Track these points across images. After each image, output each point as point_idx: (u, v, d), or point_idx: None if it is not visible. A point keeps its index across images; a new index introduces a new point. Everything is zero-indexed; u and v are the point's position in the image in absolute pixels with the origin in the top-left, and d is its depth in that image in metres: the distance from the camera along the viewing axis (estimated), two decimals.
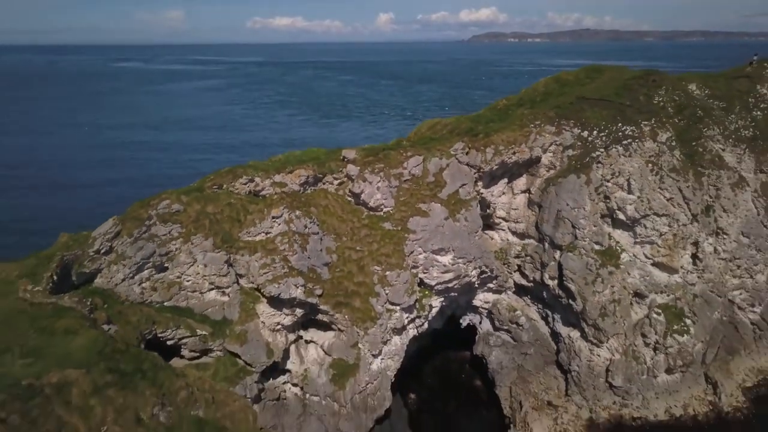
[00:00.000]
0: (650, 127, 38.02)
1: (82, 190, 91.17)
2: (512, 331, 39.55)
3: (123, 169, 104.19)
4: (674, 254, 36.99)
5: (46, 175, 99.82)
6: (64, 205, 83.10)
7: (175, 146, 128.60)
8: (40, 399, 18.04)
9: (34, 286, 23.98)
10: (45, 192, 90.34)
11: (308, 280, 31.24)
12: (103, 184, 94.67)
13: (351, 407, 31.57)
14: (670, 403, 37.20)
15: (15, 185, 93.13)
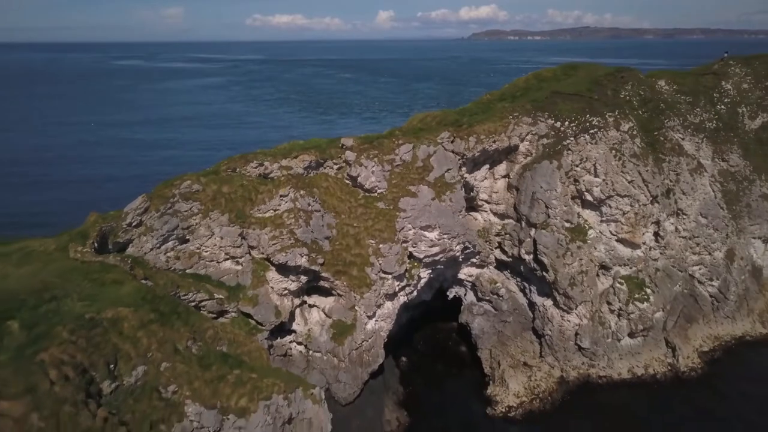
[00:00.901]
0: (614, 118, 42.65)
1: (86, 186, 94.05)
2: (493, 302, 44.19)
3: (127, 167, 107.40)
4: (636, 231, 41.63)
5: (52, 172, 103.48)
6: (74, 198, 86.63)
7: (179, 144, 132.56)
8: (100, 329, 22.64)
9: (83, 248, 28.55)
10: (51, 186, 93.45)
11: (311, 250, 35.82)
12: (108, 180, 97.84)
13: (348, 362, 36.19)
14: (632, 363, 41.90)
15: (21, 182, 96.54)
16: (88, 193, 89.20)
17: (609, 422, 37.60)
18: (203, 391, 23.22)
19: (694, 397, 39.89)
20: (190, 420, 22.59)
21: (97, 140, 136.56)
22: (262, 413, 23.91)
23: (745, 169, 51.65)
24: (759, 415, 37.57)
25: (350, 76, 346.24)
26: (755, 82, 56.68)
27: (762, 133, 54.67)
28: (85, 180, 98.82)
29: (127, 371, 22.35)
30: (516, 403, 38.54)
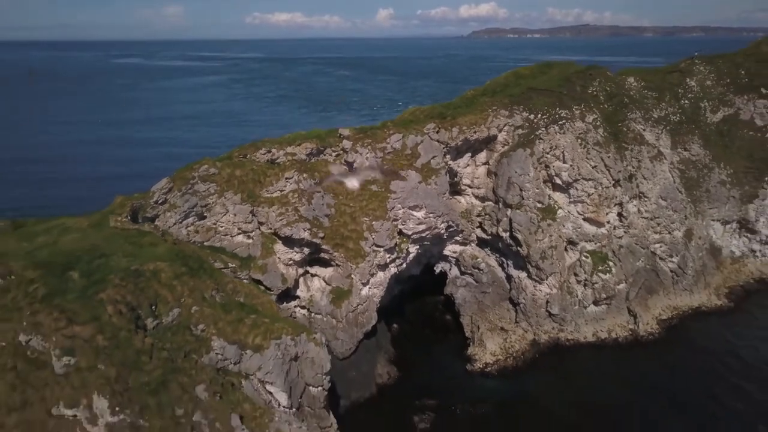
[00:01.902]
0: (580, 110, 47.99)
1: (89, 184, 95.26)
2: (475, 275, 49.54)
3: (131, 165, 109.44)
4: (600, 211, 47.00)
5: (58, 170, 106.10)
6: (76, 194, 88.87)
7: (181, 142, 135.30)
8: (143, 278, 27.98)
9: (122, 219, 33.90)
10: (58, 184, 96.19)
11: (313, 225, 41.13)
12: (112, 178, 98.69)
13: (345, 323, 41.53)
14: (597, 328, 47.32)
15: (33, 179, 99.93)
16: (93, 190, 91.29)
17: (574, 378, 42.95)
18: (226, 330, 28.59)
19: (651, 357, 45.22)
20: (215, 353, 27.94)
21: (101, 139, 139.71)
22: (273, 350, 29.27)
23: (705, 158, 57.02)
24: (707, 372, 42.81)
25: (349, 74, 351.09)
26: (717, 79, 61.99)
27: (722, 126, 60.00)
28: (90, 177, 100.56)
29: (165, 312, 27.73)
30: (492, 361, 43.97)
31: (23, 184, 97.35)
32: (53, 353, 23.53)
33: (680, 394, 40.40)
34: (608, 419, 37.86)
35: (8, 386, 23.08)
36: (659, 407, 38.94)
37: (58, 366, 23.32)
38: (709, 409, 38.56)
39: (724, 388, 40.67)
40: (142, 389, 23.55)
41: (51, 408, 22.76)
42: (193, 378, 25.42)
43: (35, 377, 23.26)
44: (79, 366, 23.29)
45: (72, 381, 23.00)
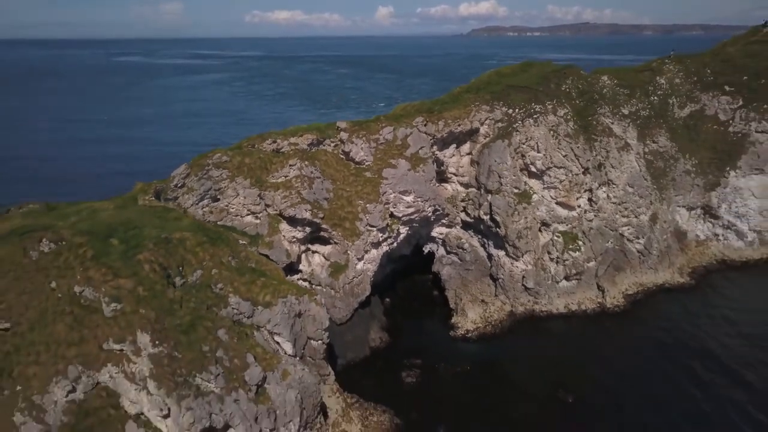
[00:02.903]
0: (552, 105, 53.34)
1: (95, 181, 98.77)
2: (459, 254, 54.92)
3: (136, 164, 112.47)
4: (571, 196, 52.36)
5: (65, 169, 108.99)
6: (82, 192, 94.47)
7: (185, 139, 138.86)
8: (172, 244, 33.30)
9: (149, 198, 39.25)
10: (61, 184, 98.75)
11: (314, 207, 46.44)
12: (119, 174, 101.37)
13: (343, 293, 46.87)
14: (568, 300, 52.74)
15: (37, 176, 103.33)
16: (98, 189, 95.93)
17: (546, 343, 48.36)
18: (240, 289, 33.91)
19: (616, 326, 50.66)
20: (232, 307, 33.24)
21: (106, 137, 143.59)
22: (281, 306, 34.58)
23: (671, 150, 62.39)
24: (665, 339, 48.17)
25: (348, 72, 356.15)
26: (686, 77, 67.32)
27: (689, 120, 65.36)
28: (95, 175, 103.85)
29: (190, 272, 33.06)
30: (473, 328, 49.40)
31: (28, 182, 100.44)
32: (103, 300, 28.86)
33: (639, 357, 45.80)
34: (575, 377, 43.14)
35: (67, 327, 28.43)
36: (621, 368, 44.26)
37: (107, 310, 28.66)
38: (663, 372, 43.73)
39: (679, 354, 45.91)
40: (175, 329, 28.92)
41: (102, 343, 28.10)
42: (215, 323, 30.78)
43: (89, 320, 28.61)
44: (125, 310, 28.63)
45: (119, 322, 28.35)
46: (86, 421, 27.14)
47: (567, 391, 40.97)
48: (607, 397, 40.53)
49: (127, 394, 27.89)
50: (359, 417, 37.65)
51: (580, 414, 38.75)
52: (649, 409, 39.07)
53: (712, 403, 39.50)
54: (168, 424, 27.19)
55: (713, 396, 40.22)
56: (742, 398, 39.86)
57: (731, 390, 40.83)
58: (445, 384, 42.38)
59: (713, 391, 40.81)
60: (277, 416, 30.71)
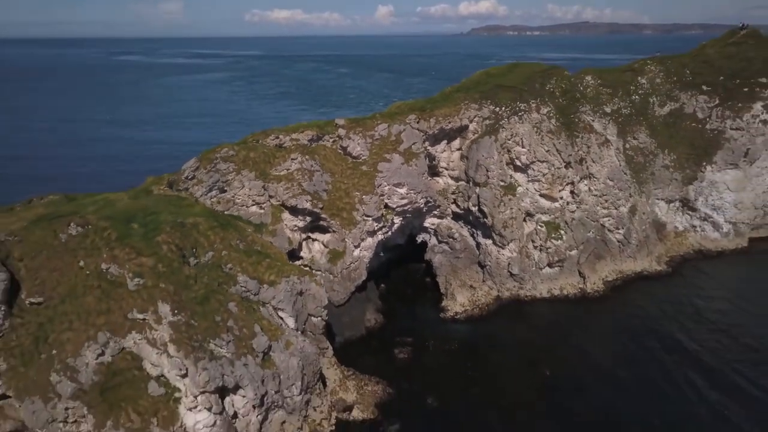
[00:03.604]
0: (536, 104, 57.09)
1: (99, 179, 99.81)
2: (450, 243, 58.66)
3: (142, 163, 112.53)
4: (553, 188, 56.11)
5: (69, 168, 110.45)
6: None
7: (189, 139, 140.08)
8: (186, 228, 37.02)
9: (163, 188, 42.96)
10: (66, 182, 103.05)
11: (314, 198, 50.13)
12: (124, 174, 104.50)
13: (340, 277, 50.58)
14: (551, 286, 56.50)
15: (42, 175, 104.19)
16: (102, 187, 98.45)
17: (529, 324, 52.11)
18: (248, 269, 37.64)
19: (595, 309, 54.42)
20: (240, 285, 36.95)
21: (108, 138, 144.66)
22: (284, 285, 38.32)
23: (651, 146, 66.18)
24: (641, 322, 51.87)
25: (348, 71, 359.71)
26: (666, 77, 71.06)
27: (669, 118, 69.10)
28: (100, 175, 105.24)
29: (202, 254, 36.80)
30: (461, 311, 53.19)
31: (30, 181, 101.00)
32: (127, 276, 32.60)
33: (615, 338, 49.48)
34: (554, 355, 46.83)
35: (96, 299, 32.17)
36: (597, 348, 47.84)
37: (131, 285, 32.40)
38: (634, 351, 47.31)
39: (650, 336, 49.48)
40: (192, 301, 32.67)
41: (127, 313, 31.85)
42: (226, 298, 34.54)
43: (115, 293, 32.35)
44: (147, 285, 32.37)
45: (142, 294, 32.10)
46: (114, 380, 30.94)
47: (546, 366, 44.72)
48: (582, 373, 44.24)
49: (149, 358, 31.67)
50: (355, 386, 41.42)
51: (556, 387, 42.43)
52: (616, 384, 42.75)
53: (672, 382, 42.49)
54: (186, 382, 30.95)
55: (673, 376, 43.24)
56: (698, 377, 43.04)
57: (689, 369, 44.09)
58: (434, 360, 46.14)
59: (675, 371, 43.90)
60: (281, 380, 34.49)
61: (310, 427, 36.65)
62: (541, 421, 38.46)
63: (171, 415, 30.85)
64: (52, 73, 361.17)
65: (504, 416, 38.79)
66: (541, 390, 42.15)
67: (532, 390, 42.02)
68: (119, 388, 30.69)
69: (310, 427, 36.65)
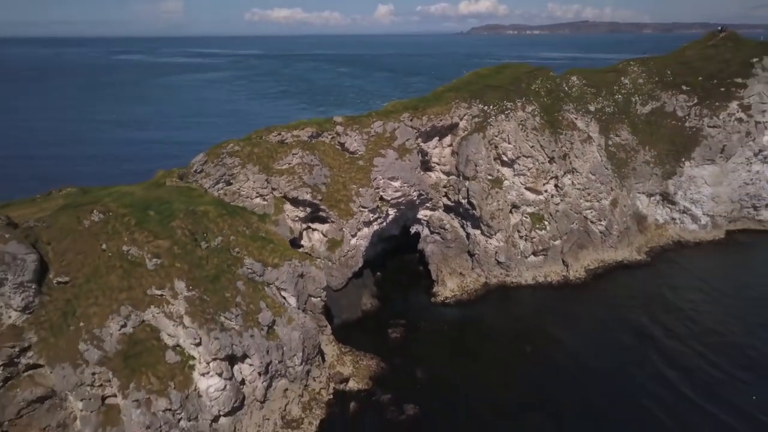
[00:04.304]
0: (521, 102, 60.84)
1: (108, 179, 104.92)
2: (441, 234, 62.41)
3: (147, 162, 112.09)
4: (538, 182, 59.87)
5: (74, 167, 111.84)
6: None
7: (192, 138, 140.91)
8: (197, 215, 40.74)
9: (175, 180, 46.71)
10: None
11: (314, 190, 53.86)
12: (130, 175, 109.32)
13: (338, 264, 54.34)
14: (536, 273, 60.27)
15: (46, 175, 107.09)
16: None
17: (515, 308, 55.87)
18: (254, 252, 41.37)
19: (576, 295, 58.16)
20: (247, 267, 40.67)
21: (112, 137, 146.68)
22: (287, 267, 42.05)
23: (633, 142, 69.95)
24: (618, 305, 55.66)
25: (347, 70, 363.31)
26: (648, 77, 74.84)
27: (650, 117, 72.88)
28: (100, 175, 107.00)
29: (213, 238, 40.53)
30: (451, 295, 56.97)
31: (33, 180, 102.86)
32: (146, 257, 36.34)
33: (593, 321, 53.26)
34: (535, 334, 50.60)
35: (118, 277, 35.92)
36: (576, 329, 51.73)
37: (149, 264, 36.15)
38: (610, 332, 51.26)
39: (626, 319, 53.17)
40: (204, 279, 36.43)
41: (146, 290, 35.59)
42: (235, 277, 38.29)
43: (135, 271, 36.09)
44: (164, 264, 36.11)
45: (159, 273, 35.85)
46: (135, 349, 34.71)
47: (527, 344, 48.50)
48: (560, 350, 48.01)
49: (166, 329, 35.43)
50: (351, 361, 45.20)
51: (535, 362, 46.21)
52: (591, 357, 46.59)
53: (637, 359, 46.39)
54: (200, 350, 34.72)
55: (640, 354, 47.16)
56: (661, 356, 46.86)
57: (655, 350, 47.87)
58: (424, 338, 49.93)
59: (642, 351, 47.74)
60: (284, 351, 38.26)
61: (310, 395, 40.46)
62: (521, 391, 42.21)
63: (186, 380, 34.63)
64: (53, 72, 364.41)
65: (486, 387, 42.54)
66: (522, 365, 45.94)
67: (513, 365, 45.81)
68: (140, 356, 34.46)
69: (310, 395, 40.46)
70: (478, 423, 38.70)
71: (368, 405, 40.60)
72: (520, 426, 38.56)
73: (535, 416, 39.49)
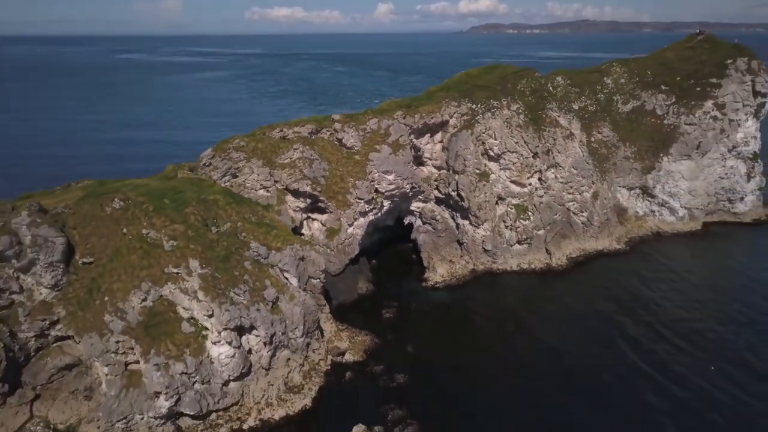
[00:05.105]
0: (507, 101, 65.16)
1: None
2: (432, 224, 66.74)
3: (143, 163, 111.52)
4: (522, 175, 64.20)
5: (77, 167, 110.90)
6: None
7: (191, 138, 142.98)
8: (208, 203, 45.03)
9: (186, 172, 51.01)
10: None
11: (313, 183, 58.15)
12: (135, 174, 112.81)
13: (336, 251, 58.65)
14: (520, 260, 64.61)
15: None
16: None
17: (500, 292, 60.22)
18: (259, 237, 45.66)
19: (557, 280, 62.50)
20: (253, 251, 44.96)
21: (114, 137, 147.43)
22: (289, 251, 46.32)
23: (614, 139, 74.25)
24: (596, 290, 59.99)
25: (347, 69, 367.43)
26: (629, 78, 79.10)
27: (631, 115, 77.17)
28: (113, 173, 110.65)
29: (222, 224, 44.84)
30: (441, 280, 61.32)
31: (34, 180, 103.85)
32: (163, 239, 40.65)
33: (572, 303, 57.53)
34: (518, 315, 54.95)
35: (139, 257, 40.23)
36: (556, 310, 56.09)
37: (167, 246, 40.45)
38: (587, 313, 55.68)
39: (604, 302, 57.49)
40: (215, 259, 40.76)
41: (164, 268, 39.90)
42: (242, 258, 42.62)
43: (154, 252, 40.40)
44: (179, 245, 40.43)
45: (176, 253, 40.16)
46: (154, 320, 39.03)
47: (510, 323, 52.88)
48: (539, 327, 52.38)
49: (181, 303, 39.75)
50: (347, 337, 49.55)
51: (517, 338, 50.59)
52: (566, 334, 50.94)
53: (609, 336, 50.88)
54: (212, 321, 39.06)
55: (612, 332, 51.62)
56: (633, 333, 51.34)
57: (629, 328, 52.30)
58: (415, 318, 54.31)
59: (615, 328, 52.21)
60: (287, 324, 42.61)
61: (310, 365, 44.82)
62: (501, 361, 46.58)
63: (199, 348, 38.97)
64: (53, 72, 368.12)
65: (469, 359, 46.90)
66: (503, 340, 50.34)
67: (495, 340, 50.20)
68: (159, 326, 38.78)
69: (310, 365, 44.82)
70: (462, 389, 43.02)
71: (362, 375, 44.96)
72: (500, 390, 42.91)
73: (514, 381, 43.89)
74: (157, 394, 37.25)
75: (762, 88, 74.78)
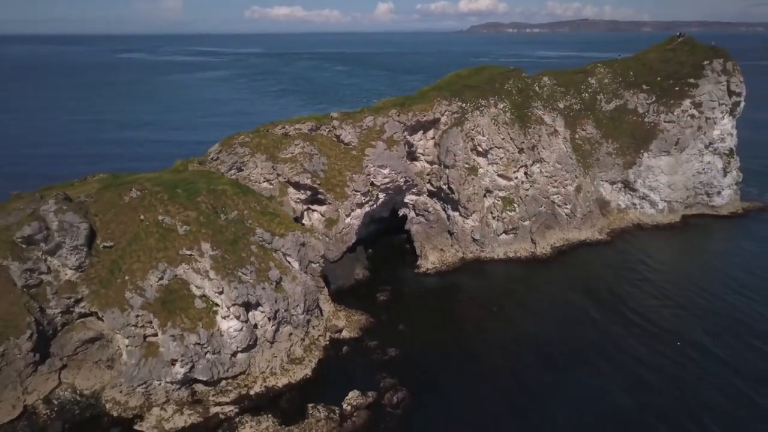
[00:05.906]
0: (494, 100, 69.53)
1: None
2: (425, 216, 71.10)
3: (144, 163, 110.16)
4: (509, 170, 68.57)
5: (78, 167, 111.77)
6: None
7: (193, 138, 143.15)
8: (217, 193, 49.40)
9: (196, 165, 55.38)
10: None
11: (313, 176, 62.47)
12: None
13: (335, 240, 63.01)
14: (507, 249, 68.99)
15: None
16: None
17: (487, 278, 64.60)
18: (264, 224, 50.03)
19: (542, 268, 66.88)
20: (258, 236, 49.32)
21: (115, 137, 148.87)
22: (291, 237, 50.68)
23: (597, 136, 78.60)
24: (577, 276, 64.37)
25: (346, 69, 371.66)
26: (613, 78, 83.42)
27: (614, 113, 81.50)
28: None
29: (230, 212, 49.20)
30: (432, 267, 65.71)
31: (35, 179, 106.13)
32: (177, 224, 45.01)
33: (555, 288, 61.90)
34: (504, 298, 59.26)
35: (156, 241, 44.60)
36: (539, 295, 60.46)
37: (180, 231, 44.81)
38: (569, 298, 60.07)
39: (584, 288, 61.76)
40: (225, 242, 45.14)
41: (179, 250, 44.27)
42: (249, 242, 46.99)
43: (169, 236, 44.77)
44: (192, 230, 44.79)
45: (189, 237, 44.52)
46: (170, 297, 43.40)
47: (495, 305, 57.26)
48: (523, 309, 56.78)
49: (194, 282, 44.11)
50: (344, 316, 53.94)
51: (500, 318, 54.99)
52: (547, 315, 55.34)
53: (588, 318, 55.40)
54: (222, 298, 43.43)
55: (591, 314, 55.96)
56: (611, 316, 55.89)
57: (607, 311, 56.78)
58: (407, 300, 58.71)
59: (594, 312, 56.51)
60: (289, 302, 46.98)
61: (310, 340, 49.22)
62: (485, 339, 50.93)
63: (211, 322, 43.34)
64: (53, 71, 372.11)
65: (457, 336, 51.29)
66: (488, 320, 54.71)
67: (481, 320, 54.58)
68: (174, 302, 43.16)
69: (310, 340, 49.22)
70: (447, 363, 47.36)
71: (358, 349, 49.34)
72: (484, 365, 47.23)
73: (497, 358, 48.19)
74: (174, 362, 41.63)
75: (736, 88, 79.14)
